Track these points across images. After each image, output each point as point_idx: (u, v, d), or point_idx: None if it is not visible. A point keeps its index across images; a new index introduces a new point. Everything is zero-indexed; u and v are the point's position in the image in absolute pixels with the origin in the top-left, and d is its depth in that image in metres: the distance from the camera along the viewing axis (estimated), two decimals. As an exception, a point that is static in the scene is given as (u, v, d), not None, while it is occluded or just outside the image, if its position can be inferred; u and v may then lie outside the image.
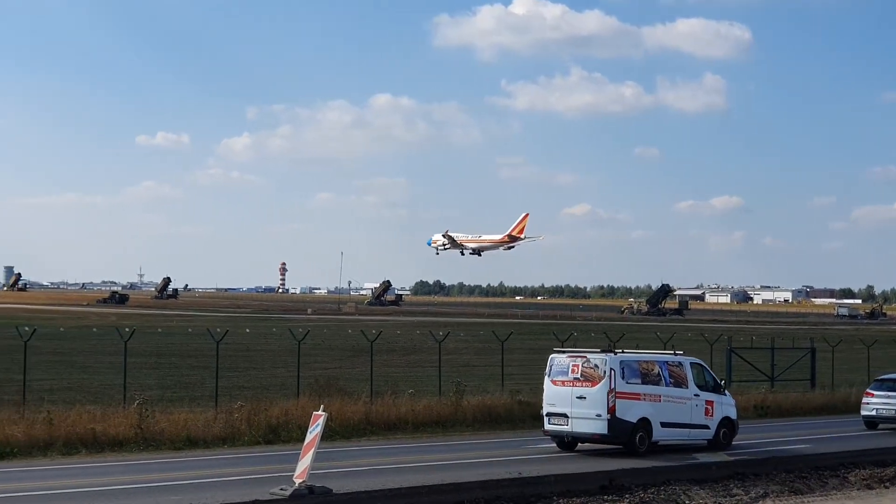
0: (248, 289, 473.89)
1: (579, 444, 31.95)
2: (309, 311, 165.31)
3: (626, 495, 23.93)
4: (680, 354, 33.67)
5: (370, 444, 33.09)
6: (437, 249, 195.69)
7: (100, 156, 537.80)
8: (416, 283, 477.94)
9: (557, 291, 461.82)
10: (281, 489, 22.33)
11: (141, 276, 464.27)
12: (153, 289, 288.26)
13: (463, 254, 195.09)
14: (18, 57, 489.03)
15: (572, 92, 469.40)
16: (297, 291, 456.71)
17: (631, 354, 32.50)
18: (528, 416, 38.60)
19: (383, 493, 22.38)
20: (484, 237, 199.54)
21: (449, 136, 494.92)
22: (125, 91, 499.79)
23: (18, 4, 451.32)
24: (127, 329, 39.54)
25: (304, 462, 22.65)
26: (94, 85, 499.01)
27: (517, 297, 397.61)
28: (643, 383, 31.22)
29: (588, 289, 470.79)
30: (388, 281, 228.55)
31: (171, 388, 45.05)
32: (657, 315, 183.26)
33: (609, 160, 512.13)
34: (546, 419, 31.76)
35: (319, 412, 23.48)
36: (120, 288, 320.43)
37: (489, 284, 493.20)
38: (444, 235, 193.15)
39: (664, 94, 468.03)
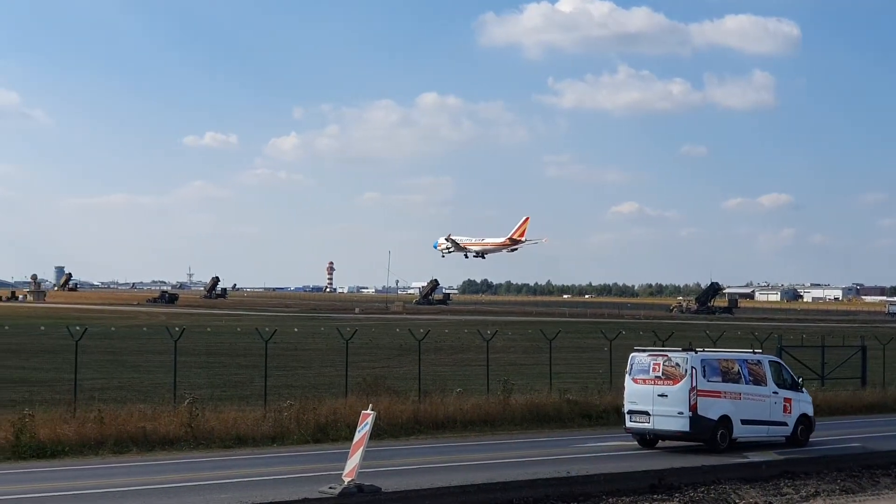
0: (295, 288, 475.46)
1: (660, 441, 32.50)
2: (357, 310, 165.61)
3: (676, 494, 23.79)
4: (759, 353, 34.43)
5: (418, 443, 33.13)
6: (443, 252, 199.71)
7: (149, 156, 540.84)
8: (464, 282, 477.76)
9: (605, 290, 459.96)
10: (330, 487, 22.41)
11: (190, 275, 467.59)
12: (202, 288, 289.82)
13: (467, 256, 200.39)
14: (68, 60, 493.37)
15: (620, 89, 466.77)
16: (345, 291, 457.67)
17: (711, 353, 33.18)
18: (577, 414, 38.56)
19: (432, 491, 22.36)
20: (487, 240, 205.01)
21: (495, 134, 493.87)
22: (174, 92, 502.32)
23: (67, 8, 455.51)
24: (177, 328, 39.79)
25: (354, 461, 22.71)
26: (142, 86, 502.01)
27: (564, 296, 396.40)
28: (723, 381, 31.84)
29: (636, 287, 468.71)
30: (436, 280, 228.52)
31: (220, 386, 45.30)
32: (706, 313, 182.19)
33: (657, 158, 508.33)
34: (627, 417, 32.38)
35: (368, 411, 23.53)
36: (169, 287, 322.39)
37: (536, 283, 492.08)
38: (446, 239, 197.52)
39: (712, 91, 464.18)
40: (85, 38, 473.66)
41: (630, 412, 32.17)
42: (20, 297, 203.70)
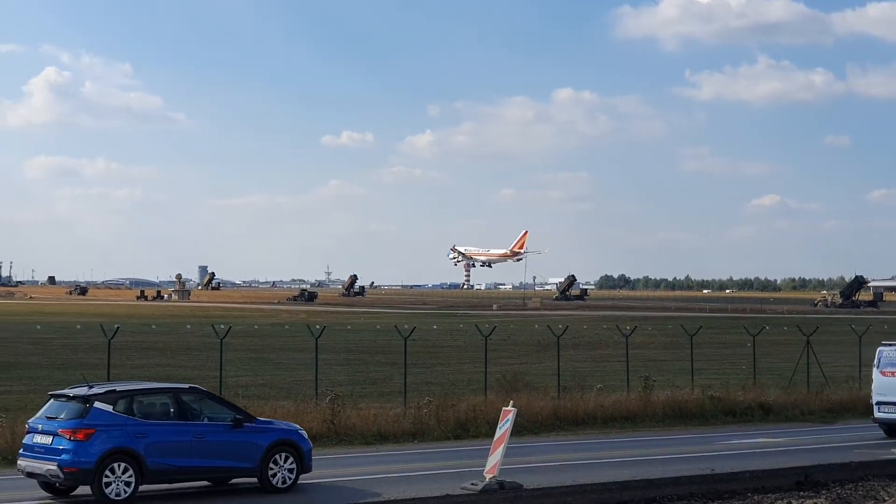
0: (432, 285, 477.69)
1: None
2: (494, 306, 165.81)
3: (823, 491, 23.26)
4: None
5: (559, 440, 32.97)
6: (455, 261, 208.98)
7: (287, 157, 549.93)
8: (601, 278, 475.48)
9: (746, 284, 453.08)
10: (472, 484, 22.42)
11: (328, 273, 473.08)
12: (340, 286, 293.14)
13: (474, 265, 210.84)
14: (208, 63, 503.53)
15: (759, 80, 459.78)
16: (482, 287, 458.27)
17: None
18: (720, 411, 37.97)
19: (574, 488, 22.22)
20: (492, 251, 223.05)
21: (632, 128, 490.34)
22: (311, 92, 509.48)
23: (207, 13, 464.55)
24: (317, 326, 40.23)
25: (495, 457, 22.69)
26: (280, 88, 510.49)
27: (704, 291, 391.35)
28: None
29: (778, 281, 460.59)
30: (573, 276, 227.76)
31: (360, 383, 45.69)
32: (850, 307, 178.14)
33: (799, 149, 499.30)
34: (876, 408, 33.66)
35: (509, 408, 23.49)
36: (308, 286, 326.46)
37: (675, 278, 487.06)
38: (452, 249, 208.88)
39: (855, 81, 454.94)
40: (224, 41, 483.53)
41: (879, 403, 33.38)
42: (165, 296, 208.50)
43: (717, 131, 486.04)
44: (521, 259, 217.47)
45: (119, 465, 21.46)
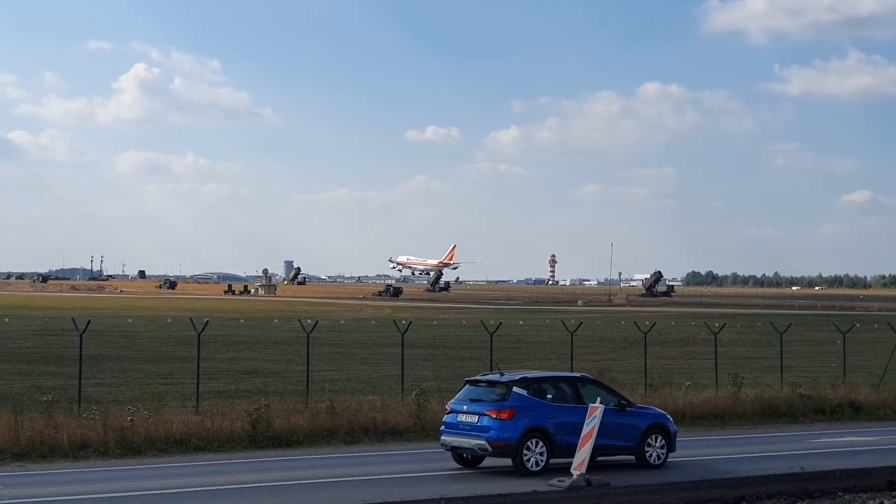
0: (517, 281, 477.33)
1: None
2: (580, 302, 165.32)
3: (916, 492, 22.91)
4: None
5: (646, 437, 32.69)
6: (398, 271, 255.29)
7: (372, 152, 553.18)
8: (688, 274, 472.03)
9: (836, 281, 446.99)
10: (559, 481, 22.38)
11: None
12: (425, 282, 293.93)
13: (414, 274, 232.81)
14: (295, 60, 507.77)
15: (850, 75, 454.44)
16: (567, 283, 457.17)
17: None
18: (810, 409, 37.52)
19: (661, 486, 22.11)
20: (428, 261, 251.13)
21: (719, 123, 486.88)
22: (396, 88, 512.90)
23: (293, 10, 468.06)
24: (403, 321, 40.35)
25: (582, 454, 22.63)
26: (365, 83, 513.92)
27: (793, 288, 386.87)
28: None
29: (868, 279, 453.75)
30: (660, 272, 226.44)
31: (446, 379, 45.65)
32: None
33: (891, 144, 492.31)
34: None
35: (596, 404, 23.42)
36: (394, 281, 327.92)
37: (763, 275, 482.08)
38: (390, 260, 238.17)
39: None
40: (310, 38, 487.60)
41: None
42: (252, 291, 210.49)
43: (806, 126, 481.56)
44: (456, 268, 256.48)
45: (535, 442, 24.57)
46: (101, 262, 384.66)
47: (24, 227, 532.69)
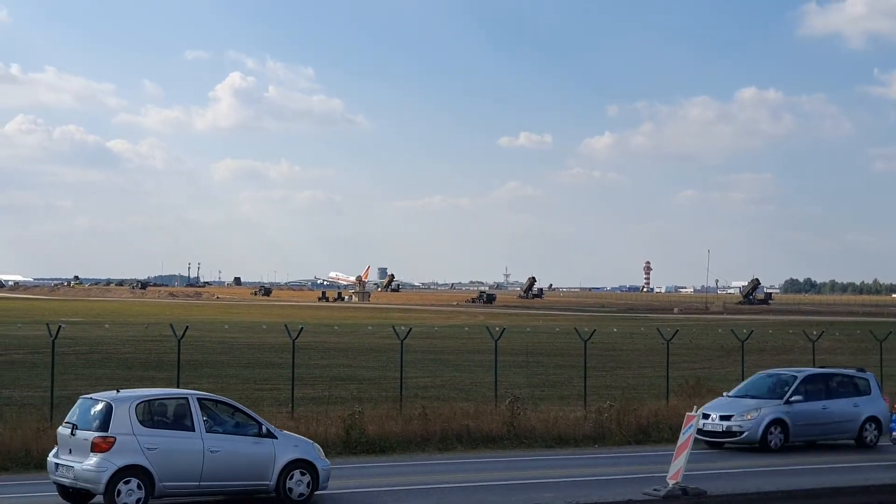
0: (611, 288, 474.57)
1: None
2: (675, 310, 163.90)
3: None
4: None
5: (742, 446, 32.29)
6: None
7: (465, 158, 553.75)
8: (786, 281, 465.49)
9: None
10: (654, 489, 22.16)
11: (507, 275, 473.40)
12: (518, 288, 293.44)
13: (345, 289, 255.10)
14: (387, 66, 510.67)
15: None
16: (662, 290, 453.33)
17: None
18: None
19: (758, 496, 21.82)
20: (350, 278, 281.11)
21: (817, 128, 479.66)
22: (488, 93, 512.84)
23: (386, 16, 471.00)
24: (496, 328, 40.29)
25: (678, 463, 22.38)
26: (457, 89, 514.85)
27: (893, 295, 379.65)
28: None
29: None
30: (757, 279, 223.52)
31: (539, 386, 45.60)
32: None
33: None
34: None
35: (693, 413, 23.15)
36: (487, 288, 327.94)
37: (863, 282, 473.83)
38: (327, 277, 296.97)
39: None
40: (403, 44, 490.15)
41: None
42: (346, 297, 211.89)
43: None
44: (377, 284, 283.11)
45: None
46: (199, 268, 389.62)
47: (124, 235, 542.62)
